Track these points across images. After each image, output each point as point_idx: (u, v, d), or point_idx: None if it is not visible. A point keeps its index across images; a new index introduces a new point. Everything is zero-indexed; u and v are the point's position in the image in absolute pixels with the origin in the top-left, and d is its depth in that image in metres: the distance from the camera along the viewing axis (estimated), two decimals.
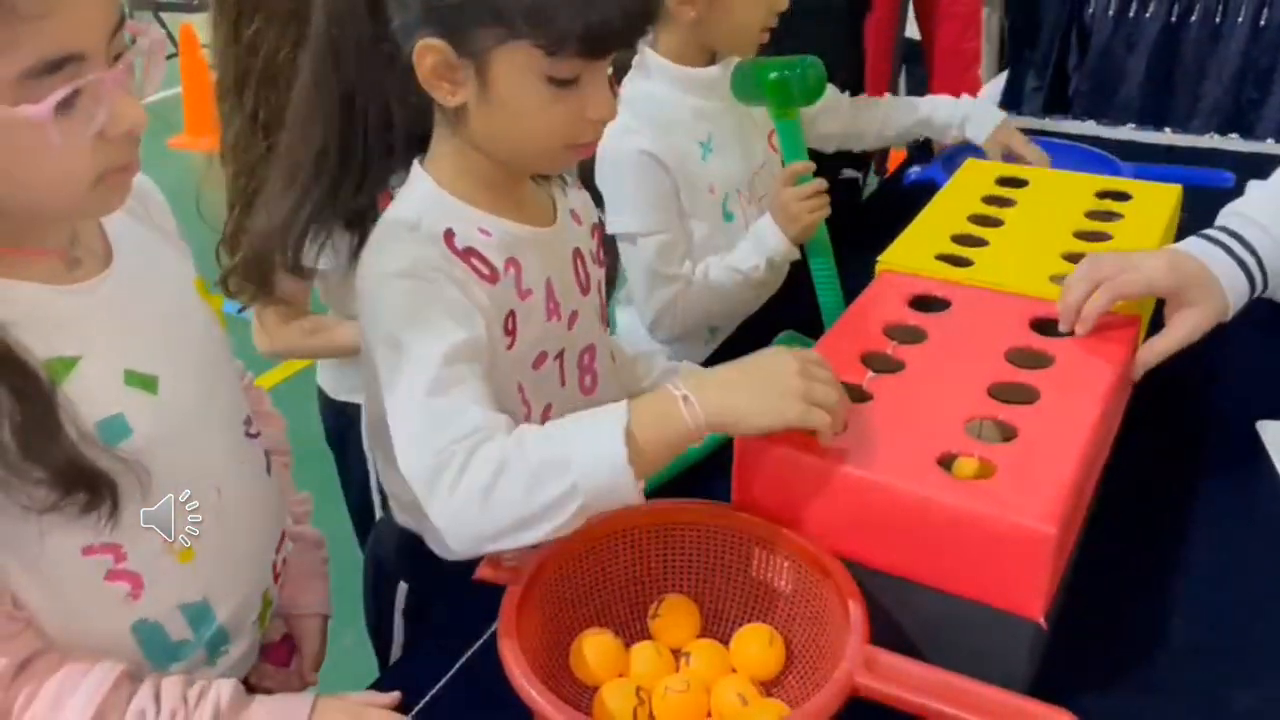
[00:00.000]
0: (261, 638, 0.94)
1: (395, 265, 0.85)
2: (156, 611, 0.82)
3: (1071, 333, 0.95)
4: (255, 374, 1.06)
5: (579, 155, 0.93)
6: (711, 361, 1.24)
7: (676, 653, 0.83)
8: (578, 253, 1.00)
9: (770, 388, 0.77)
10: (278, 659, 0.99)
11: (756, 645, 0.81)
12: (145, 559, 0.80)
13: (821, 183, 1.32)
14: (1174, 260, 0.97)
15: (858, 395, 0.87)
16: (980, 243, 1.15)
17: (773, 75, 1.27)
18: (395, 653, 1.11)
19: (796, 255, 1.36)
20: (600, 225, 1.07)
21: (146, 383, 0.78)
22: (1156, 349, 0.97)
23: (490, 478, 0.75)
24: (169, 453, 0.79)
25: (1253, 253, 0.98)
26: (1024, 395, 0.87)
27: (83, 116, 0.66)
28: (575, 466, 0.74)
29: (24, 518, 0.72)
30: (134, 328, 0.80)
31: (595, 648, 0.81)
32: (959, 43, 1.87)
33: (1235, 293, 0.97)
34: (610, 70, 0.87)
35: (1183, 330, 0.96)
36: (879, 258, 1.12)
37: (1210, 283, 0.96)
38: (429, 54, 0.82)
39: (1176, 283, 0.96)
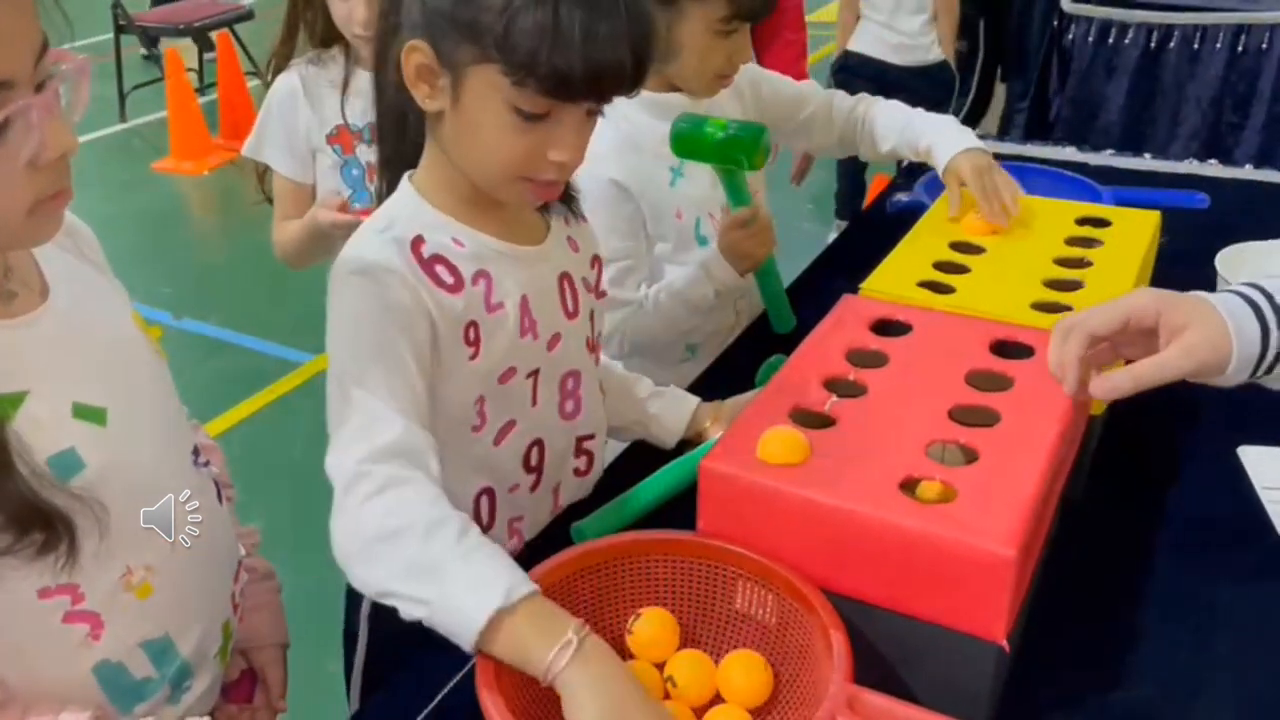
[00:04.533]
0: (222, 674, 0.94)
1: (355, 263, 0.90)
2: (118, 651, 0.81)
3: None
4: (232, 402, 1.06)
5: (536, 193, 0.93)
6: (696, 387, 1.23)
7: (661, 667, 0.82)
8: (566, 277, 1.01)
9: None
10: (239, 696, 0.99)
11: (746, 672, 0.81)
12: (103, 598, 0.79)
13: (768, 217, 1.33)
14: (1158, 290, 0.85)
15: (821, 421, 0.87)
16: (962, 270, 1.16)
17: (718, 137, 1.25)
18: (359, 656, 1.11)
19: (745, 284, 1.38)
20: (599, 258, 1.08)
21: (95, 415, 0.78)
22: (1139, 374, 0.82)
23: (387, 530, 0.79)
24: (121, 485, 0.78)
25: (1265, 293, 0.82)
26: (984, 418, 0.87)
27: (13, 144, 0.66)
28: (440, 597, 0.76)
29: None
30: (78, 360, 0.79)
31: None
32: (789, 70, 1.84)
33: (1236, 318, 0.81)
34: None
35: (1178, 351, 0.81)
36: (861, 285, 1.12)
37: (1202, 304, 0.82)
38: (415, 54, 0.86)
39: (1158, 305, 0.82)
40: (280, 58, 1.58)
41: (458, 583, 0.76)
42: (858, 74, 3.25)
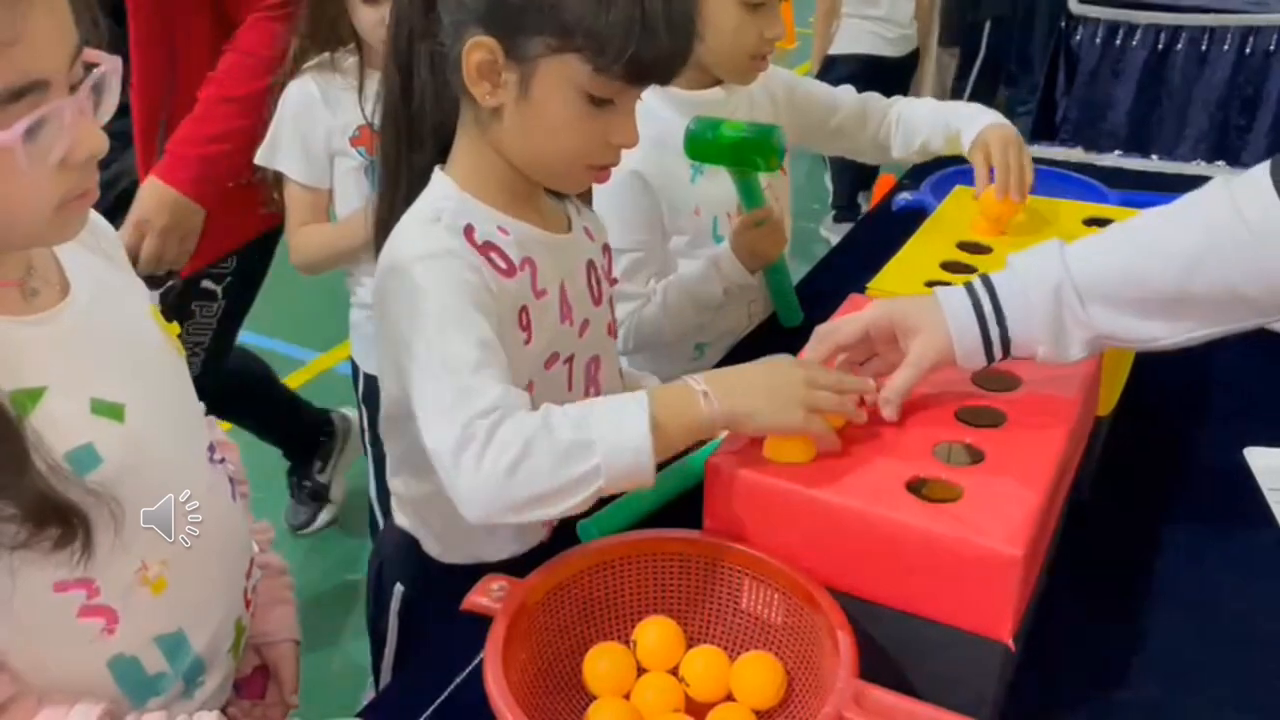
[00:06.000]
0: (235, 670, 0.94)
1: (418, 249, 0.90)
2: (132, 645, 0.81)
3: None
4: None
5: (594, 177, 0.97)
6: None
7: (675, 671, 0.82)
8: (590, 264, 1.04)
9: (779, 393, 0.83)
10: (252, 692, 0.99)
11: (761, 673, 0.81)
12: (118, 592, 0.79)
13: (780, 217, 1.35)
14: (893, 301, 0.91)
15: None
16: (969, 270, 1.16)
17: (732, 140, 1.25)
18: (389, 654, 1.12)
19: (756, 284, 1.38)
20: (609, 246, 1.10)
21: (114, 411, 0.78)
22: (893, 385, 0.87)
23: (517, 453, 0.79)
24: (138, 481, 0.78)
25: (990, 288, 0.87)
26: (991, 419, 0.87)
27: (47, 143, 0.67)
28: (600, 448, 0.80)
29: None
30: (97, 356, 0.80)
31: (607, 660, 0.82)
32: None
33: (957, 318, 0.86)
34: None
35: (911, 358, 0.87)
36: (868, 285, 1.12)
37: (930, 310, 0.88)
38: (478, 51, 0.87)
39: (890, 313, 0.89)
40: (296, 62, 1.58)
41: (605, 439, 0.80)
42: (846, 75, 3.24)
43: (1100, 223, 1.25)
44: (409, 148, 0.97)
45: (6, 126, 0.64)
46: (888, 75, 3.27)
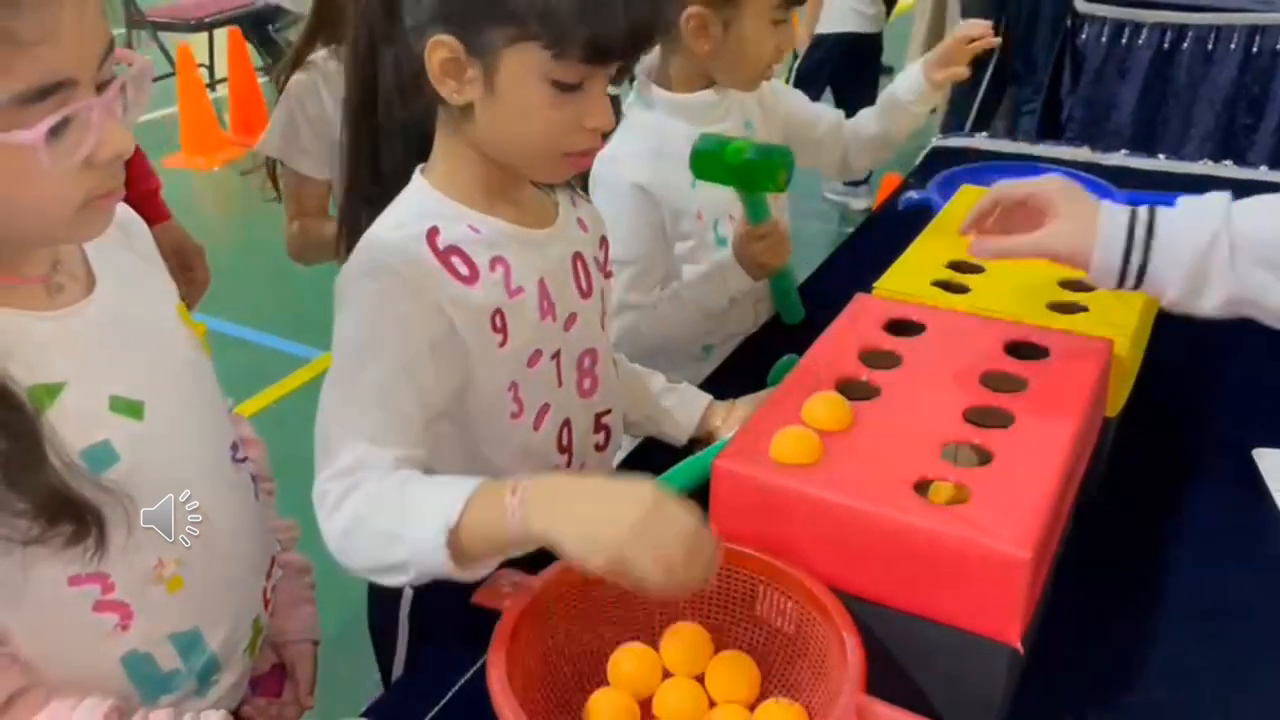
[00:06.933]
0: (251, 668, 0.94)
1: (363, 266, 0.90)
2: (146, 642, 0.81)
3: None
4: (242, 397, 1.06)
5: (574, 165, 0.95)
6: (707, 386, 1.23)
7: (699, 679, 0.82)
8: (579, 257, 1.02)
9: (608, 518, 0.73)
10: (268, 690, 0.99)
11: (733, 671, 0.80)
12: (133, 588, 0.79)
13: (785, 229, 1.36)
14: (1068, 181, 0.94)
15: None
16: (976, 269, 1.16)
17: (738, 162, 1.26)
18: (400, 654, 1.10)
19: (761, 288, 1.39)
20: (606, 239, 1.09)
21: (132, 408, 0.78)
22: (1006, 244, 0.92)
23: (349, 525, 0.83)
24: (155, 479, 0.79)
25: (1151, 214, 0.89)
26: (999, 419, 0.87)
27: (71, 142, 0.67)
28: (407, 545, 0.79)
29: (7, 549, 0.72)
30: (118, 353, 0.80)
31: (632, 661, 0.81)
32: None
33: (1108, 233, 0.88)
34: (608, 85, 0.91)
35: (1042, 235, 0.90)
36: (874, 284, 1.12)
37: (1092, 206, 0.90)
38: (440, 50, 0.86)
39: (1060, 189, 0.92)
40: (301, 55, 1.58)
41: (412, 531, 0.79)
42: (833, 53, 3.69)
43: None
44: (373, 151, 0.97)
45: (30, 125, 0.64)
46: (866, 50, 3.73)
